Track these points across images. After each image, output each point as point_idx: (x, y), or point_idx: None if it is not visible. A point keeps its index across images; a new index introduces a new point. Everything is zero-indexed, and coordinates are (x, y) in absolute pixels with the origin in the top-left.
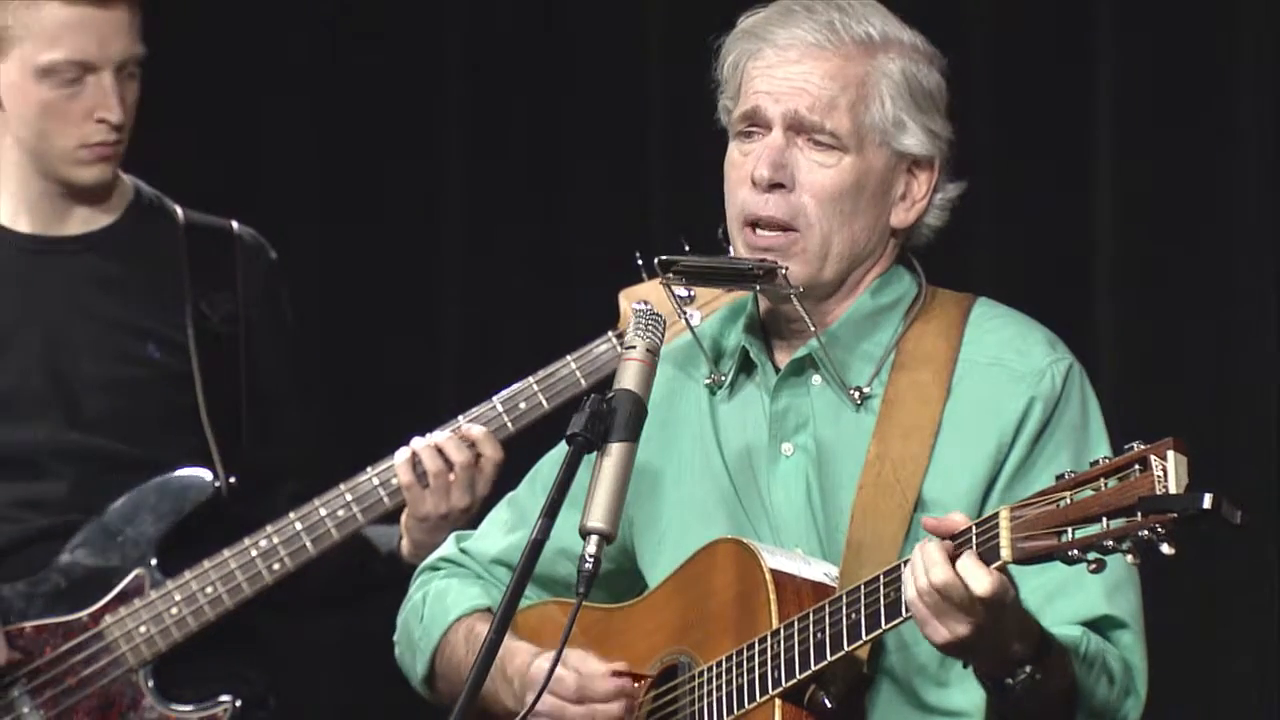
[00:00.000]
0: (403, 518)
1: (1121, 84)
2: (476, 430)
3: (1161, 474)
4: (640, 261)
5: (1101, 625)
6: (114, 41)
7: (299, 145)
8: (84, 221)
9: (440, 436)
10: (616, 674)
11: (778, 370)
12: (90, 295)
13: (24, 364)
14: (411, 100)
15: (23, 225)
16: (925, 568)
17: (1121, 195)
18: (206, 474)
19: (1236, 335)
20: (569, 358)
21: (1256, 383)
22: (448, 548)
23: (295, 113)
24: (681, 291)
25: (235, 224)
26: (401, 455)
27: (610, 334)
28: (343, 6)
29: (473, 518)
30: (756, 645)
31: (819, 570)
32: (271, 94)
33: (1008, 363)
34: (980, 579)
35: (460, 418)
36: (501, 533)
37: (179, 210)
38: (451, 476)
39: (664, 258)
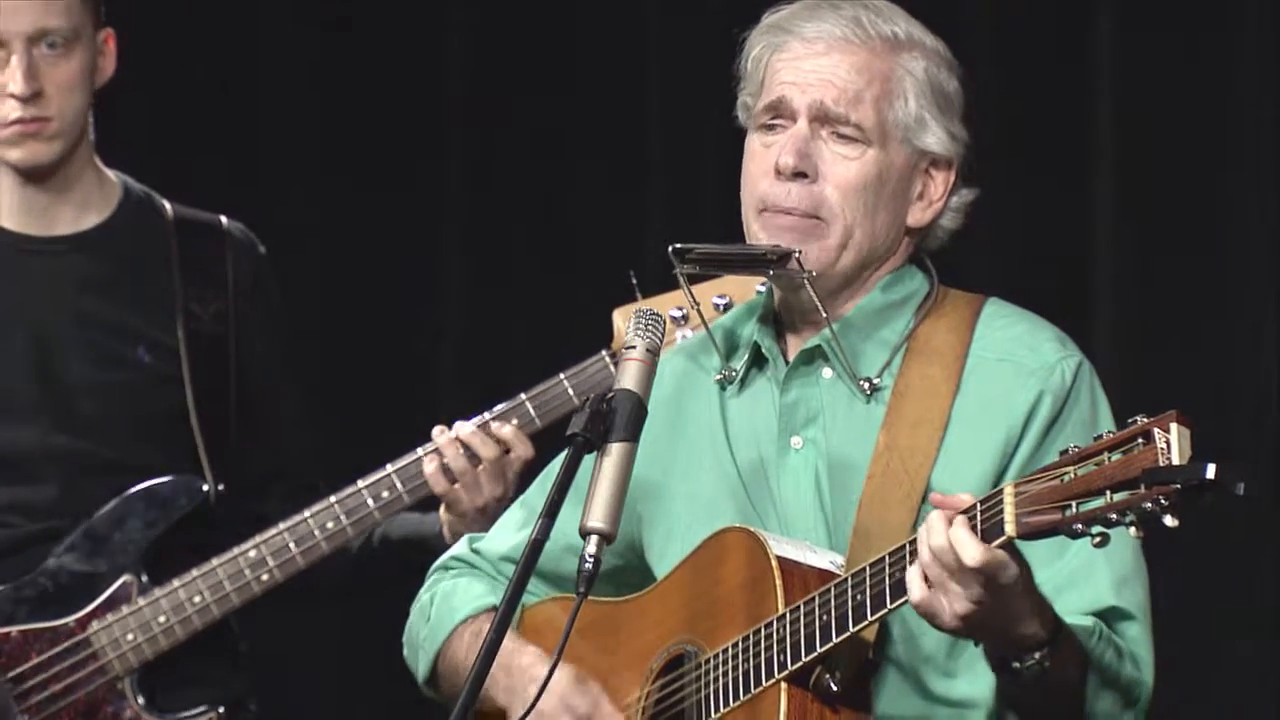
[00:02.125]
0: (441, 512)
1: (1122, 84)
2: (507, 430)
3: (1165, 446)
4: (635, 281)
5: (1109, 617)
6: (22, 15)
7: (299, 145)
8: (72, 221)
9: (465, 430)
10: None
11: (789, 364)
12: (79, 297)
13: (12, 366)
14: (412, 99)
15: (9, 223)
16: (923, 538)
17: (1122, 195)
18: (196, 480)
19: (1237, 334)
20: (562, 375)
21: (1257, 382)
22: (459, 547)
23: (296, 113)
24: (674, 311)
25: (224, 219)
26: (430, 465)
27: (604, 353)
28: (345, 4)
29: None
30: (763, 630)
31: (825, 559)
32: (272, 93)
33: (1018, 358)
34: (969, 547)
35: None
36: (512, 531)
37: (168, 206)
38: (480, 469)
39: (678, 245)
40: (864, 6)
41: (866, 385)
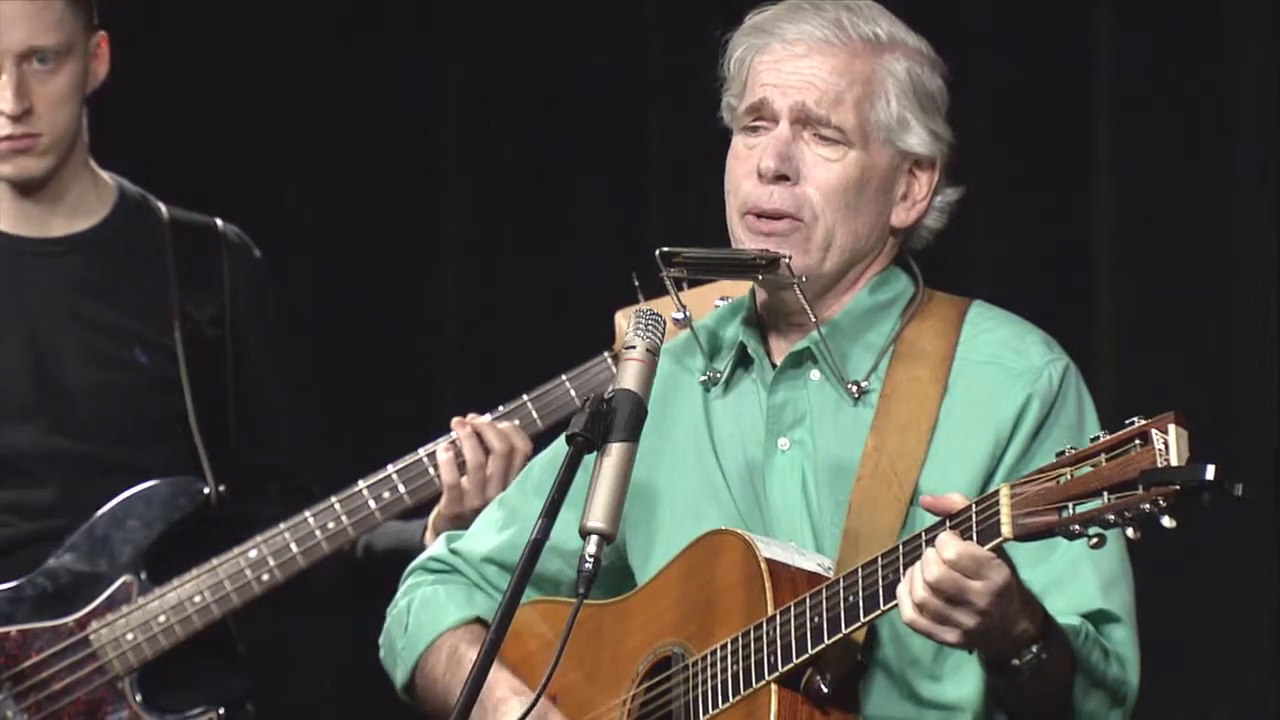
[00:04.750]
0: (432, 516)
1: (1121, 84)
2: (505, 425)
3: (1163, 447)
4: (637, 282)
5: (1096, 619)
6: (12, 33)
7: (299, 148)
8: (67, 223)
9: (480, 422)
10: None
11: (775, 366)
12: (75, 298)
13: (9, 368)
14: (412, 102)
15: (3, 224)
16: (919, 573)
17: (1121, 196)
18: (196, 482)
19: (1237, 334)
20: (564, 377)
21: (1257, 382)
22: (438, 548)
23: (295, 114)
24: (678, 315)
25: (220, 222)
26: (445, 454)
27: (606, 354)
28: (346, 7)
29: None
30: (752, 632)
31: (813, 561)
32: (270, 94)
33: (1005, 361)
34: (949, 545)
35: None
36: (492, 531)
37: (163, 208)
38: (489, 469)
39: (665, 249)
40: (845, 7)
41: (854, 389)
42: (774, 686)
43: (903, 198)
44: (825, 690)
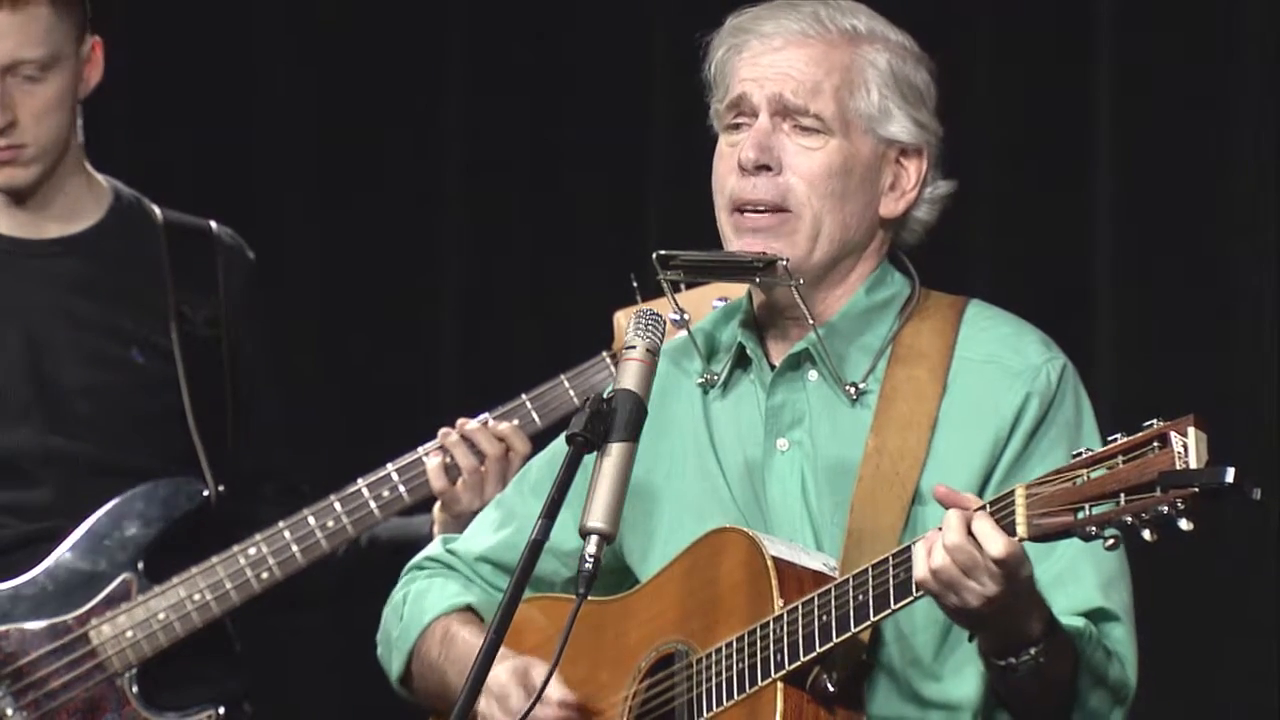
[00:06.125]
0: (435, 512)
1: (1122, 84)
2: (505, 426)
3: (1182, 450)
4: (635, 283)
5: (1095, 618)
6: None
7: (297, 146)
8: (62, 225)
9: (470, 426)
10: (564, 705)
11: (773, 367)
12: (71, 299)
13: (6, 369)
14: (412, 99)
15: (0, 228)
16: (941, 534)
17: (1121, 195)
18: (195, 481)
19: (1238, 334)
20: (563, 377)
21: (1257, 383)
22: (434, 547)
23: (293, 112)
24: (674, 315)
25: (214, 224)
26: (433, 462)
27: (604, 354)
28: (345, 7)
29: None
30: (759, 630)
31: (818, 560)
32: (272, 98)
33: (1003, 360)
34: (994, 540)
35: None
36: (489, 531)
37: (157, 210)
38: (484, 469)
39: (663, 252)
40: (823, 3)
41: (852, 390)
42: (780, 685)
43: (891, 188)
44: (831, 689)
